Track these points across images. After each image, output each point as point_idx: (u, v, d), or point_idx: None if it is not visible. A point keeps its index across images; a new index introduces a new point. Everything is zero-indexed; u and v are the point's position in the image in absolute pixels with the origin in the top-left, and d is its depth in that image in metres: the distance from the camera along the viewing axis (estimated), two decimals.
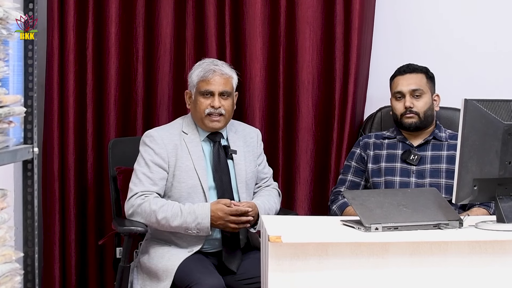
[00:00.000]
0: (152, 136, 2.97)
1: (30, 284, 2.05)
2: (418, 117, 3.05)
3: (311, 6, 3.41)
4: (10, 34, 1.91)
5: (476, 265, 2.26)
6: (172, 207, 2.85)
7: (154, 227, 2.88)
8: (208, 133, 3.01)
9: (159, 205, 2.85)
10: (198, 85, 2.97)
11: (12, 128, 1.94)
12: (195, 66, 3.06)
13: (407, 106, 3.05)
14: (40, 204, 3.38)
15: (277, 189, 3.17)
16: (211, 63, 3.01)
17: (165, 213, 2.83)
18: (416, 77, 3.08)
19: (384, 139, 3.15)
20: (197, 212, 2.83)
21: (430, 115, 3.07)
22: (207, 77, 2.95)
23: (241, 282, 2.88)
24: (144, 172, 2.91)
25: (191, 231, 2.84)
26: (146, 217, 2.84)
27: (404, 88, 3.07)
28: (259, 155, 3.14)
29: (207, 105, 2.94)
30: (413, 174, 3.03)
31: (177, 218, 2.82)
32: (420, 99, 3.06)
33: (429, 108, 3.06)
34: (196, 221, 2.82)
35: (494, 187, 2.38)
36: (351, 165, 3.18)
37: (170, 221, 2.83)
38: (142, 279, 2.90)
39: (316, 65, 3.45)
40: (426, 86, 3.08)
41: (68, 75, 3.44)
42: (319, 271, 2.21)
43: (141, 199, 2.86)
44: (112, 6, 3.43)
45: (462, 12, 3.55)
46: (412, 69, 3.10)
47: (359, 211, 2.31)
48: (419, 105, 3.05)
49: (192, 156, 2.95)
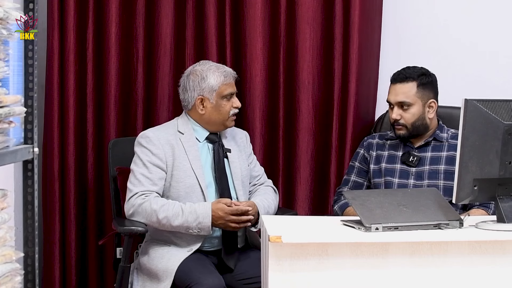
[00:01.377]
0: (148, 137, 2.97)
1: (30, 284, 2.05)
2: (406, 128, 3.02)
3: (311, 6, 3.41)
4: (10, 34, 1.91)
5: (476, 265, 2.26)
6: (173, 206, 2.85)
7: (155, 227, 2.88)
8: (208, 133, 3.02)
9: (160, 204, 2.85)
10: (220, 90, 2.97)
11: (12, 128, 1.94)
12: (204, 71, 2.98)
13: (393, 118, 3.02)
14: (40, 204, 3.38)
15: (272, 186, 3.19)
16: (220, 66, 3.03)
17: (166, 212, 2.83)
18: (405, 87, 3.01)
19: (387, 139, 3.14)
20: (198, 211, 2.84)
21: (421, 124, 3.02)
22: (228, 80, 2.99)
23: (241, 282, 2.89)
24: (142, 172, 2.91)
25: (192, 230, 2.84)
26: (147, 217, 2.84)
27: (391, 98, 3.04)
28: (249, 154, 3.16)
29: (230, 106, 2.99)
30: (412, 176, 3.03)
31: (178, 218, 2.83)
32: (408, 110, 3.00)
33: (418, 118, 3.01)
34: (197, 220, 2.83)
35: (494, 187, 2.38)
36: (355, 166, 3.18)
37: (171, 220, 2.83)
38: (142, 280, 2.90)
39: (316, 65, 3.44)
40: (415, 96, 3.00)
41: (68, 75, 3.44)
42: (319, 271, 2.21)
43: (142, 199, 2.86)
44: (112, 6, 3.43)
45: (463, 12, 3.55)
46: (402, 78, 3.02)
47: (359, 211, 2.31)
48: (406, 117, 3.01)
49: (189, 155, 2.96)
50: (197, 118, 3.02)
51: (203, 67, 3.01)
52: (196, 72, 3.00)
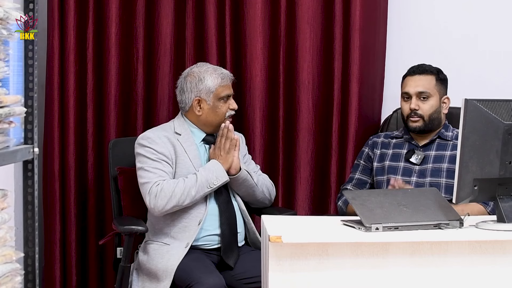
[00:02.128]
0: (150, 137, 2.99)
1: (30, 285, 2.05)
2: (423, 120, 3.03)
3: (311, 6, 3.41)
4: (10, 34, 1.91)
5: (476, 265, 2.26)
6: (186, 177, 2.91)
7: (181, 201, 2.88)
8: (204, 135, 3.05)
9: (176, 181, 2.91)
10: (217, 91, 3.00)
11: (13, 129, 1.94)
12: (201, 73, 3.02)
13: (412, 108, 3.03)
14: (41, 204, 3.38)
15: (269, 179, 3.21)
16: (217, 68, 3.07)
17: (183, 183, 2.89)
18: (425, 79, 3.05)
19: (392, 138, 3.16)
20: (206, 167, 2.93)
21: (436, 118, 3.05)
22: (225, 82, 3.02)
23: (241, 282, 2.89)
24: (154, 166, 2.94)
25: (212, 182, 2.90)
26: (171, 194, 2.86)
27: (411, 89, 3.06)
28: (244, 155, 3.19)
29: (226, 108, 3.02)
30: (414, 174, 3.03)
31: (196, 182, 2.89)
32: (427, 101, 3.03)
33: (435, 111, 3.04)
34: (211, 171, 2.91)
35: (494, 187, 2.38)
36: (360, 164, 3.20)
37: (190, 185, 2.88)
38: (142, 280, 2.91)
39: (316, 65, 3.44)
40: (435, 88, 3.05)
41: (69, 75, 3.44)
42: (320, 271, 2.21)
43: (160, 185, 2.88)
44: (112, 6, 3.43)
45: (463, 11, 3.55)
46: (422, 70, 3.07)
47: (359, 211, 2.31)
48: (424, 108, 3.03)
49: (189, 154, 2.99)
50: (194, 120, 3.04)
51: (200, 69, 3.04)
52: (193, 74, 3.03)
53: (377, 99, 3.53)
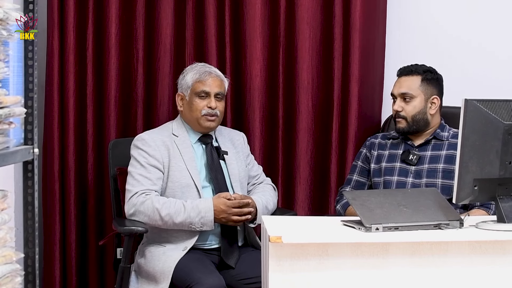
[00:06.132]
0: (144, 139, 2.99)
1: (30, 285, 2.05)
2: (406, 121, 3.03)
3: (311, 6, 3.41)
4: (10, 35, 1.91)
5: (476, 265, 2.26)
6: (175, 203, 2.86)
7: (157, 225, 2.88)
8: (200, 135, 3.05)
9: (162, 202, 2.87)
10: (193, 86, 3.02)
11: (13, 129, 1.94)
12: (186, 69, 3.10)
13: (395, 110, 3.05)
14: (41, 205, 3.38)
15: (271, 184, 3.21)
16: (204, 66, 3.09)
17: (168, 209, 2.85)
18: (410, 79, 3.04)
19: (389, 139, 3.15)
20: (200, 206, 2.85)
21: (421, 119, 3.03)
22: (203, 78, 3.02)
23: (241, 282, 2.89)
24: (140, 173, 2.93)
25: (195, 226, 2.86)
26: (150, 215, 2.85)
27: (395, 90, 3.07)
28: (247, 155, 3.18)
29: (203, 105, 3.00)
30: (411, 174, 3.03)
31: (181, 214, 2.84)
32: (410, 103, 3.02)
33: (419, 112, 3.03)
34: (200, 215, 2.85)
35: (494, 187, 2.38)
36: (357, 165, 3.20)
37: (174, 217, 2.84)
38: (141, 282, 2.91)
39: (316, 66, 3.44)
40: (419, 89, 3.03)
41: (68, 75, 3.44)
42: (320, 272, 2.21)
43: (143, 197, 2.87)
44: (112, 7, 3.43)
45: (462, 11, 3.55)
46: (407, 71, 3.06)
47: (359, 212, 2.31)
48: (407, 109, 3.03)
49: (184, 157, 2.99)
50: (185, 119, 3.07)
51: (190, 66, 3.10)
52: (183, 71, 3.10)
53: (377, 100, 3.53)
